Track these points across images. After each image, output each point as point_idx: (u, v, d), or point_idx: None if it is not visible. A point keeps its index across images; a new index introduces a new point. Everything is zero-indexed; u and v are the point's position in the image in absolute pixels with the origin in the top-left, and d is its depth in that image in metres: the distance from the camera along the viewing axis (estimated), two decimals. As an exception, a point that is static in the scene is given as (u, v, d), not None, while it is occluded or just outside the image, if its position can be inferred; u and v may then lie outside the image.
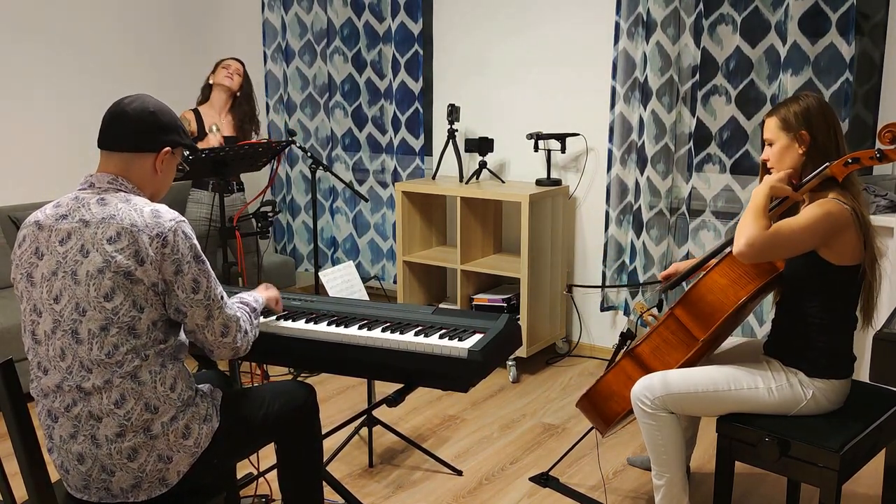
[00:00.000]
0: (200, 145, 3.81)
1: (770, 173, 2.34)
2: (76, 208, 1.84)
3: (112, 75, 4.69)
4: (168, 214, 1.83)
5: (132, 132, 1.88)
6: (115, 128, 1.89)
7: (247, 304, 2.06)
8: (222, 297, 1.91)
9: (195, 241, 1.86)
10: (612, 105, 3.89)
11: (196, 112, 4.00)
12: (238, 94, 4.03)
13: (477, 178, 4.21)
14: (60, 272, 1.80)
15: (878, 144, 2.20)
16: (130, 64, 4.78)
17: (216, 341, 1.91)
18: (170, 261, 1.80)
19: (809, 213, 2.20)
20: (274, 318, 2.29)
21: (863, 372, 3.16)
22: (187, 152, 2.03)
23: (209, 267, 1.88)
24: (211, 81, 4.03)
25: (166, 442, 1.84)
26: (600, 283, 4.11)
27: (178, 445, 1.86)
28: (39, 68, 4.38)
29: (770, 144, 2.34)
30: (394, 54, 4.53)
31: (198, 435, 1.89)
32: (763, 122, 2.38)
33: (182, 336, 1.94)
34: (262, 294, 2.21)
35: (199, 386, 1.98)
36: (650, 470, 2.45)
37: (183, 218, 1.85)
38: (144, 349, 1.82)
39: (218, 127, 3.94)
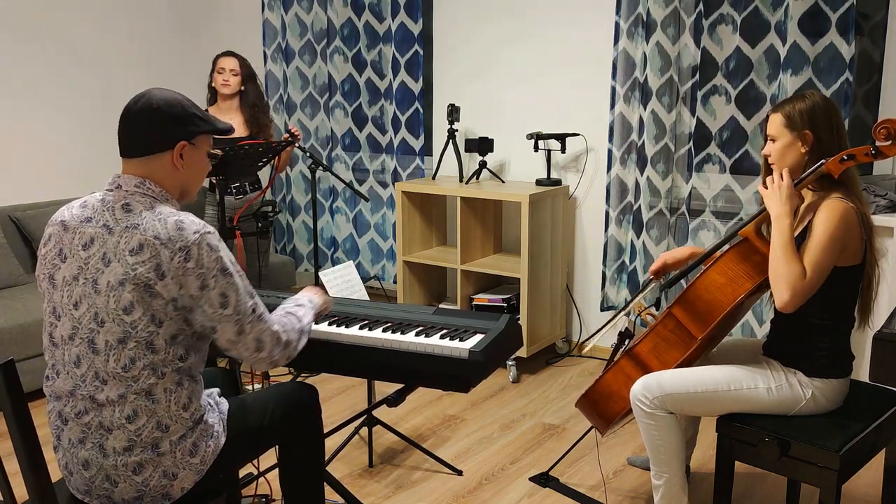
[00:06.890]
0: None
1: (772, 168, 2.34)
2: (101, 211, 1.79)
3: (112, 75, 4.69)
4: (192, 226, 1.75)
5: (141, 134, 1.81)
6: (125, 133, 1.83)
7: (293, 314, 2.00)
8: (254, 311, 1.83)
9: (222, 253, 1.77)
10: (612, 105, 3.89)
11: None
12: (242, 89, 4.00)
13: (477, 178, 4.21)
14: (81, 278, 1.77)
15: (874, 141, 2.20)
16: (130, 64, 4.79)
17: (251, 357, 1.86)
18: (194, 276, 1.73)
19: (825, 226, 2.16)
20: None
21: (862, 372, 3.16)
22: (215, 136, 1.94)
23: (238, 279, 1.80)
24: (213, 84, 3.98)
25: (173, 459, 1.82)
26: (600, 284, 4.11)
27: (184, 463, 1.84)
28: (39, 68, 4.38)
29: (773, 140, 2.33)
30: (394, 54, 4.53)
31: (204, 453, 1.87)
32: (767, 117, 2.37)
33: (203, 353, 1.90)
34: (318, 298, 2.14)
35: (207, 396, 1.94)
36: (650, 470, 2.46)
37: (209, 229, 1.77)
38: (162, 365, 1.77)
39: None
